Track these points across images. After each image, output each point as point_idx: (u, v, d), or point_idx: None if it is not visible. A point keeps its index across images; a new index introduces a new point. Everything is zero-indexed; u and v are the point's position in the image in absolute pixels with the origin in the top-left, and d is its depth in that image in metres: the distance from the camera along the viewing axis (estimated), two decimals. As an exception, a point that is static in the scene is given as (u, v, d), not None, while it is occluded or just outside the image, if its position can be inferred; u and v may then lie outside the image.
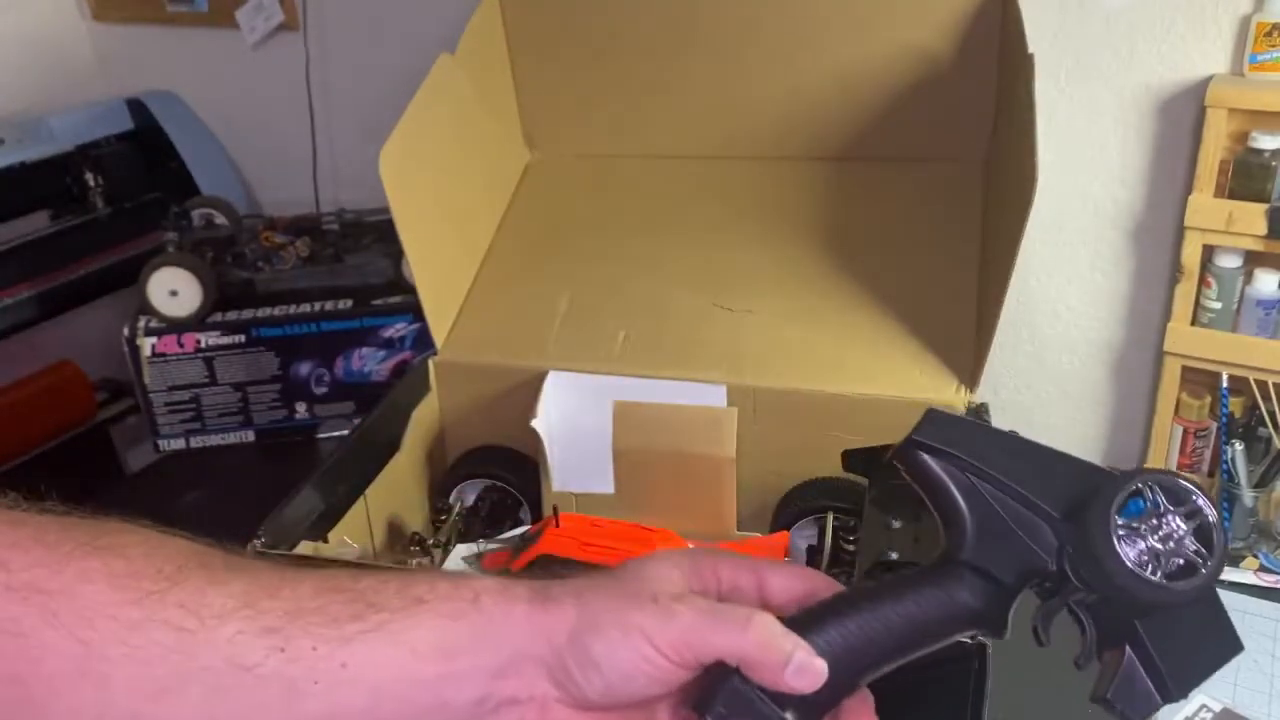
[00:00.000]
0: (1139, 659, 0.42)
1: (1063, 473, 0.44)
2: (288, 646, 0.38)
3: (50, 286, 1.26)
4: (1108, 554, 0.40)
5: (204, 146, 1.43)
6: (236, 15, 1.38)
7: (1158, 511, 0.41)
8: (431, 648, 0.40)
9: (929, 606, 0.43)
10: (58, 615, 0.35)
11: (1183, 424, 1.02)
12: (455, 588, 0.41)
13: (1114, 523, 0.41)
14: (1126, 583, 0.40)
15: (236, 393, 1.19)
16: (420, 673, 0.40)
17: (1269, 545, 0.96)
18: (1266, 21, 0.90)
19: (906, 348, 0.85)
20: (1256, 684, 0.81)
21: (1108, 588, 0.41)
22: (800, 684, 0.40)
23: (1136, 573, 0.40)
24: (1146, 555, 0.41)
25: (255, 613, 0.38)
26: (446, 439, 0.96)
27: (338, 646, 0.39)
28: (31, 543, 0.37)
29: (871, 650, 0.42)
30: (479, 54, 1.02)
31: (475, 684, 0.40)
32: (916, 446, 0.45)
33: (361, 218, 1.26)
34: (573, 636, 0.40)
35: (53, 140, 1.29)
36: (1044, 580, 0.44)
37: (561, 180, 1.08)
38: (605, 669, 0.40)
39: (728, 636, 0.40)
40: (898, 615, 0.43)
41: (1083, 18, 0.99)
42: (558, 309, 0.94)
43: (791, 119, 1.02)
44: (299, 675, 0.38)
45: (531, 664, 0.41)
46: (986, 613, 0.43)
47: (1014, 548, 0.43)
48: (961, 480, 0.44)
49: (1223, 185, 0.95)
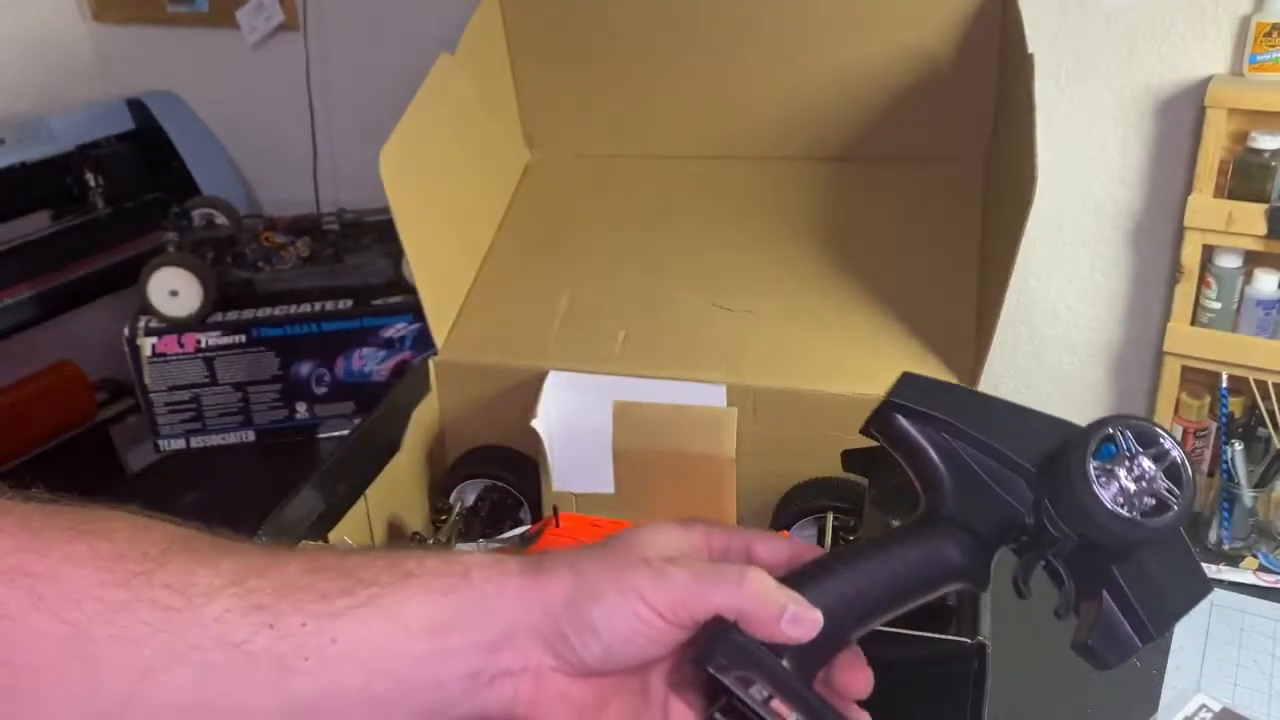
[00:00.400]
0: (1116, 604, 0.44)
1: (1035, 428, 0.45)
2: (277, 623, 0.38)
3: (50, 286, 1.26)
4: (1087, 495, 0.42)
5: (204, 146, 1.43)
6: (237, 15, 1.38)
7: (1129, 454, 0.43)
8: (422, 623, 0.40)
9: (914, 562, 0.45)
10: (44, 598, 0.35)
11: (1182, 424, 1.02)
12: (445, 563, 0.41)
13: (1091, 465, 0.42)
14: (1105, 522, 0.42)
15: (237, 393, 1.19)
16: (412, 649, 0.39)
17: (1269, 545, 0.96)
18: (1266, 21, 0.90)
19: (906, 348, 0.85)
20: (1256, 684, 0.81)
21: (1087, 529, 0.43)
22: (796, 633, 0.41)
23: (1114, 511, 0.42)
24: (1121, 496, 0.42)
25: (243, 591, 0.38)
26: (446, 439, 0.96)
27: (327, 622, 0.38)
28: (16, 529, 0.36)
29: (860, 603, 0.44)
30: (479, 54, 1.02)
31: (468, 659, 0.40)
32: (893, 409, 0.47)
33: (361, 218, 1.26)
34: (569, 604, 0.41)
35: (53, 140, 1.29)
36: (1021, 534, 0.45)
37: (561, 180, 1.08)
38: (604, 633, 0.40)
39: (723, 593, 0.41)
40: (884, 571, 0.44)
41: (1083, 18, 0.99)
42: (558, 309, 0.94)
43: (791, 119, 1.02)
44: (289, 652, 0.38)
45: (526, 635, 0.41)
46: (969, 567, 0.45)
47: (992, 503, 0.45)
48: (938, 440, 0.46)
49: (1222, 185, 0.95)
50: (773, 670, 0.41)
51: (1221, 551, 0.96)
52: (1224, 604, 0.89)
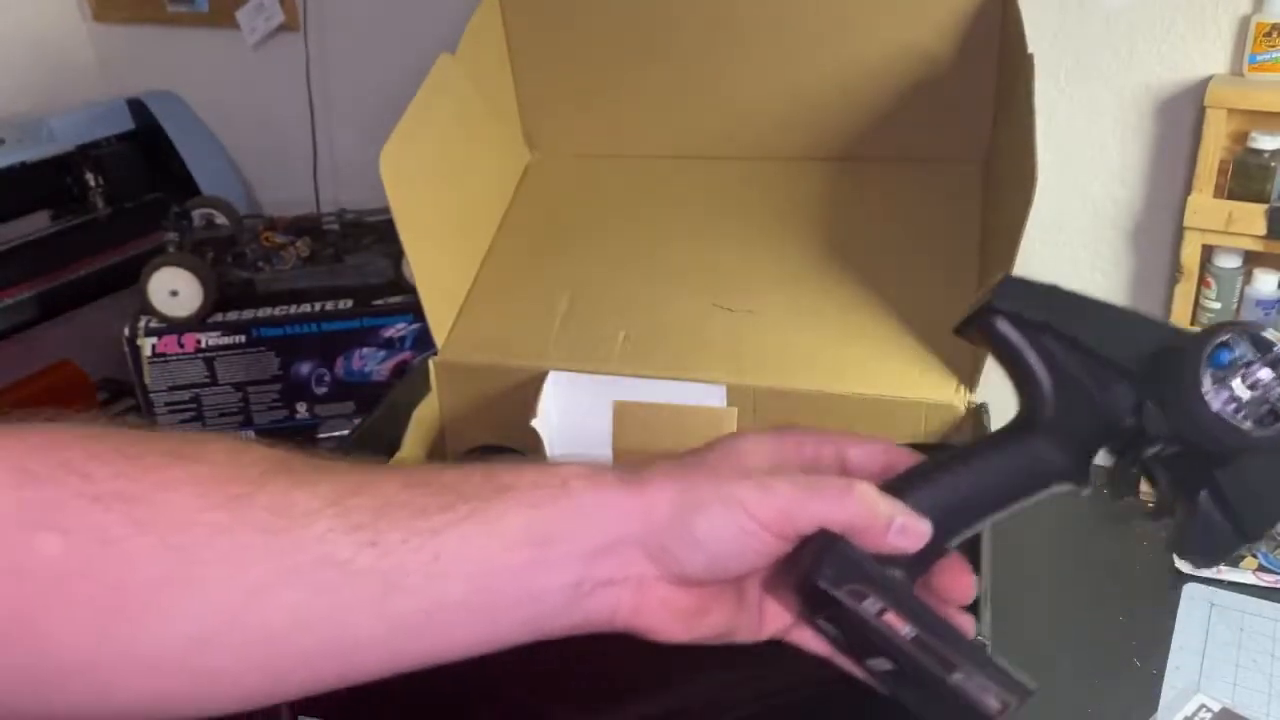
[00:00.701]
0: (1216, 506, 0.43)
1: (1138, 330, 0.45)
2: (378, 541, 0.37)
3: (50, 286, 1.26)
4: (1196, 401, 0.41)
5: (204, 146, 1.43)
6: (237, 15, 1.38)
7: (1244, 362, 0.42)
8: (522, 536, 0.39)
9: (1014, 466, 0.44)
10: (145, 523, 0.35)
11: (1182, 424, 1.02)
12: (542, 474, 0.41)
13: (1204, 372, 0.42)
14: (1213, 429, 0.41)
15: (237, 393, 1.19)
16: (512, 561, 0.39)
17: (1268, 545, 0.96)
18: (1266, 22, 0.90)
19: (906, 348, 0.85)
20: (1256, 684, 0.81)
21: (1193, 434, 0.42)
22: (904, 544, 0.41)
23: (1224, 419, 0.41)
24: (1233, 403, 0.41)
25: (343, 510, 0.38)
26: (446, 439, 0.96)
27: (428, 538, 0.38)
28: (113, 454, 0.36)
29: (963, 510, 0.44)
30: (479, 54, 1.02)
31: (569, 569, 0.40)
32: (994, 313, 0.46)
33: (362, 218, 1.26)
34: (672, 516, 0.40)
35: (53, 140, 1.29)
36: (1121, 436, 0.44)
37: (561, 180, 1.08)
38: (708, 546, 0.40)
39: (829, 506, 0.41)
40: (985, 476, 0.44)
41: (1083, 18, 0.99)
42: (558, 309, 0.94)
43: (791, 119, 1.02)
44: (392, 569, 0.37)
45: (627, 545, 0.41)
46: (1069, 468, 0.44)
47: (1092, 406, 0.44)
48: (1039, 343, 0.45)
49: (1222, 185, 0.95)
50: (884, 583, 0.41)
51: (1221, 551, 0.96)
52: (1224, 604, 0.90)
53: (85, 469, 0.35)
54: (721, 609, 0.44)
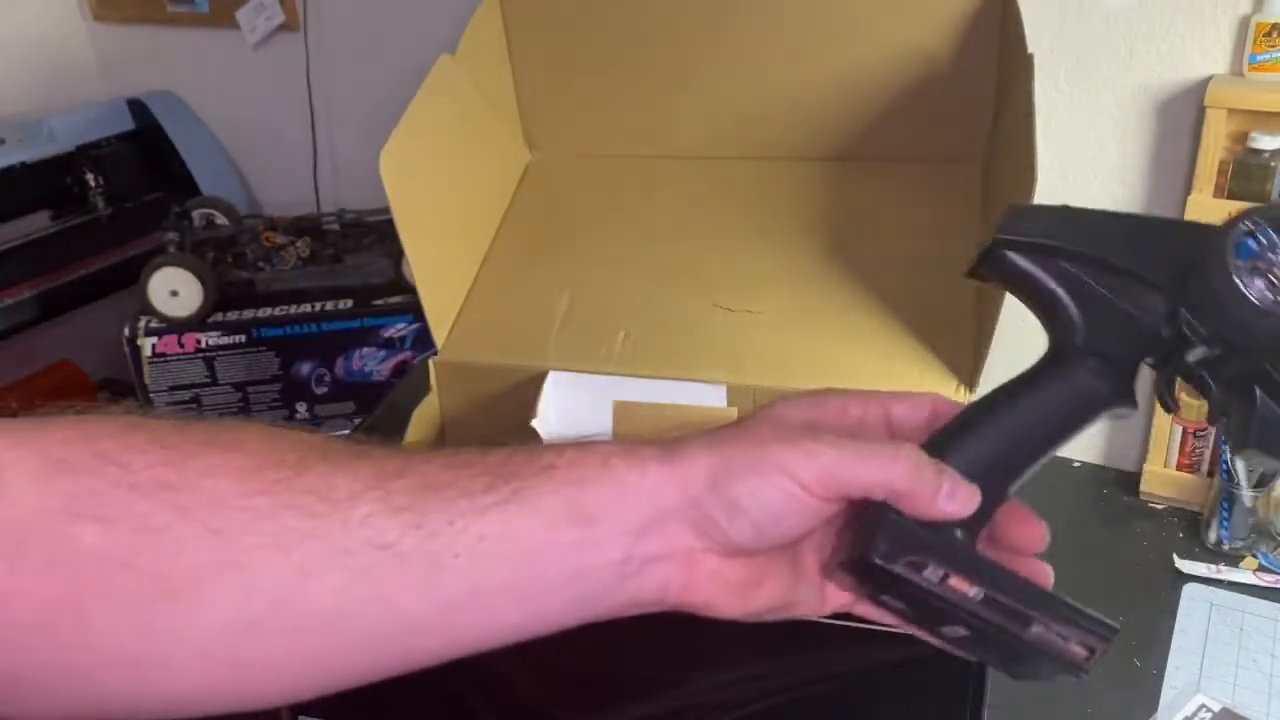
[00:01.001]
0: (1273, 399, 0.41)
1: (1156, 236, 0.43)
2: (423, 523, 0.37)
3: (50, 286, 1.26)
4: (1230, 296, 0.39)
5: (204, 146, 1.44)
6: (237, 15, 1.38)
7: (1271, 247, 0.40)
8: (566, 514, 0.39)
9: (1058, 401, 0.43)
10: (187, 510, 0.35)
11: (1182, 424, 1.02)
12: (583, 453, 0.41)
13: (1232, 264, 0.40)
14: (1252, 320, 0.39)
15: (237, 393, 1.19)
16: (558, 540, 0.39)
17: (1268, 545, 0.96)
18: (1266, 22, 0.90)
19: (906, 348, 0.85)
20: (1256, 684, 0.81)
21: (1232, 331, 0.40)
22: (954, 509, 0.40)
23: (1262, 307, 0.39)
24: (1269, 291, 0.40)
25: (385, 492, 0.37)
26: (447, 439, 0.96)
27: (474, 518, 0.38)
28: (149, 444, 0.36)
29: (1014, 456, 0.42)
30: (479, 54, 1.02)
31: (616, 546, 0.40)
32: (1004, 246, 0.44)
33: (362, 218, 1.26)
34: (711, 484, 0.40)
35: (53, 140, 1.29)
36: (1160, 348, 0.43)
37: (561, 180, 1.08)
38: (752, 511, 0.40)
39: (875, 470, 0.40)
40: (1031, 418, 0.42)
41: (1083, 18, 0.99)
42: (558, 309, 0.94)
43: (791, 119, 1.02)
44: (439, 550, 0.37)
45: (672, 519, 0.40)
46: (1114, 392, 0.43)
47: (1124, 323, 0.42)
48: (1057, 269, 0.43)
49: (1222, 185, 0.95)
50: (942, 548, 0.40)
51: (1221, 551, 0.96)
52: (1224, 604, 0.90)
53: (123, 459, 0.35)
54: (776, 580, 0.43)
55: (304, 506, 0.36)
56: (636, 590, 0.40)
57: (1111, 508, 1.04)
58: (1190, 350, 0.42)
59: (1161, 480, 1.04)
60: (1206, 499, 0.98)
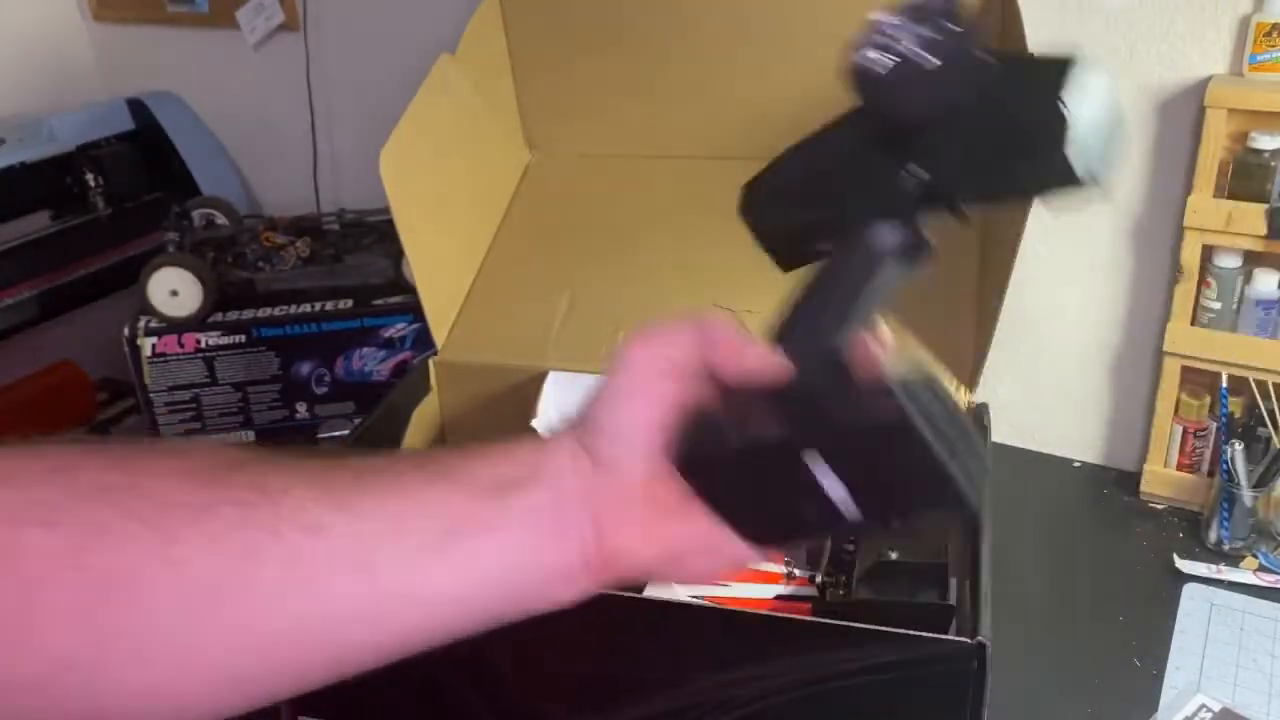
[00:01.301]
0: None
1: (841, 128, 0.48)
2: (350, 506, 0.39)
3: (50, 286, 1.27)
4: (864, 77, 0.44)
5: (204, 146, 1.44)
6: (236, 15, 1.38)
7: (893, 26, 0.43)
8: (489, 483, 0.41)
9: (857, 278, 0.48)
10: (133, 509, 0.36)
11: (1182, 424, 1.02)
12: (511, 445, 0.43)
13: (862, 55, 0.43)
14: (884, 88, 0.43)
15: (237, 393, 1.19)
16: (481, 509, 0.41)
17: (1268, 545, 0.96)
18: (1266, 22, 0.90)
19: (906, 347, 0.85)
20: (1256, 684, 0.81)
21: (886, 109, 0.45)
22: (753, 360, 0.46)
23: (882, 73, 0.43)
24: (884, 54, 0.43)
25: (318, 483, 0.39)
26: (447, 439, 0.96)
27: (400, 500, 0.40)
28: (98, 454, 0.38)
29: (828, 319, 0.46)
30: (479, 54, 1.02)
31: (533, 511, 0.41)
32: (746, 218, 0.50)
33: (362, 218, 1.26)
34: (578, 428, 0.44)
35: (53, 140, 1.30)
36: (911, 200, 0.46)
37: (561, 180, 1.08)
38: (601, 417, 0.44)
39: (682, 327, 0.45)
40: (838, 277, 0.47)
41: (1083, 18, 0.99)
42: (558, 309, 0.94)
43: (791, 119, 1.01)
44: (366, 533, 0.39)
45: (568, 474, 0.42)
46: (902, 245, 0.47)
47: (872, 203, 0.47)
48: (798, 215, 0.49)
49: (1222, 185, 0.95)
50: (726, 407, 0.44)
51: (1221, 551, 0.96)
52: (1224, 604, 0.90)
53: (71, 469, 0.36)
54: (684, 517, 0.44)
55: (239, 498, 0.37)
56: (563, 551, 0.42)
57: (1112, 508, 1.04)
58: (905, 182, 0.45)
59: (1162, 480, 1.04)
60: (1207, 499, 0.98)
